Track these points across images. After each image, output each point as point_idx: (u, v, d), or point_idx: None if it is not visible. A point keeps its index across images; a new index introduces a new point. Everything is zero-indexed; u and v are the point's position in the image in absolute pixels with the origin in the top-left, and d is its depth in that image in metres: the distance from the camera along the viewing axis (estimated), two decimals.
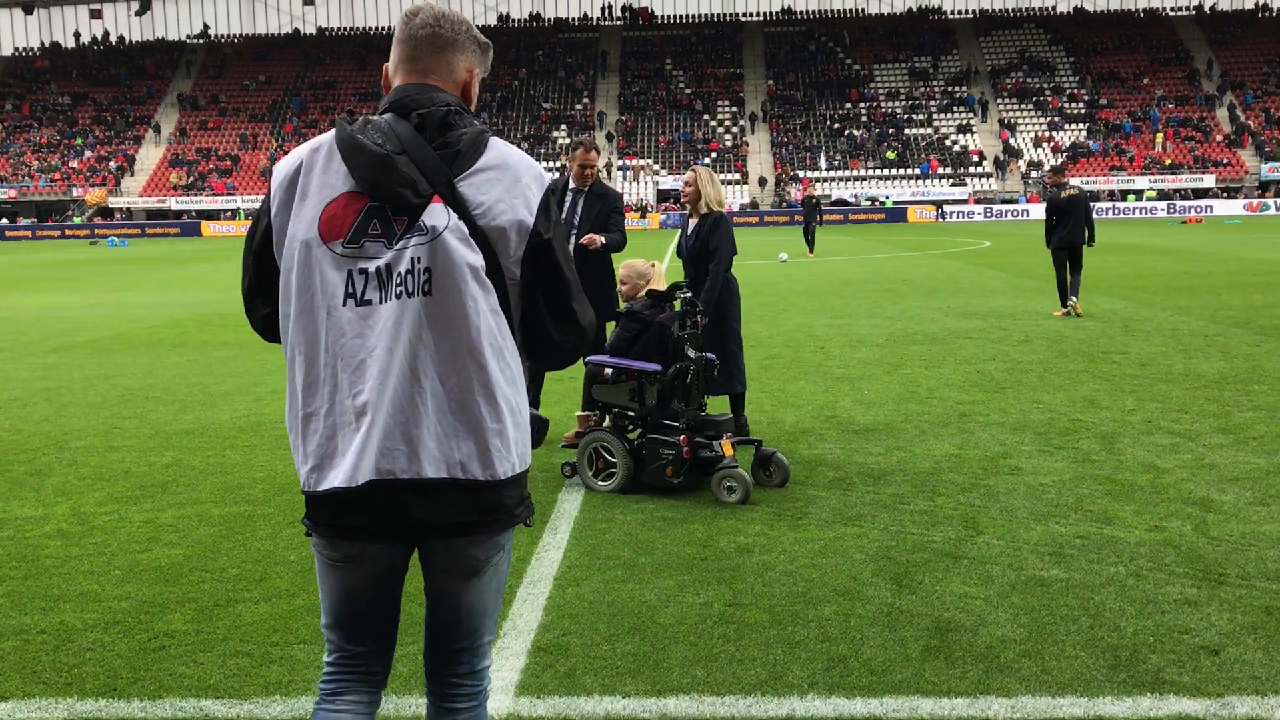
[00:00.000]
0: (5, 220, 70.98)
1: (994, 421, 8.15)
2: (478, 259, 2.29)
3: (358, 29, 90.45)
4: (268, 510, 6.16)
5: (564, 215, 7.49)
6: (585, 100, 79.45)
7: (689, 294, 6.76)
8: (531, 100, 79.68)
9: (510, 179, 2.35)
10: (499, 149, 2.38)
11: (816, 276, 23.21)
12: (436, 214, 2.28)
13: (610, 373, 6.56)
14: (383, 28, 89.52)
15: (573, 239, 7.42)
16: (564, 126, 76.67)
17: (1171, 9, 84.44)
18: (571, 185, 7.63)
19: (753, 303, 17.62)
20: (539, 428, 2.77)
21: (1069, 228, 14.67)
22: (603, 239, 7.31)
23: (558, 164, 72.76)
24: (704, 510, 6.01)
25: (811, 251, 30.92)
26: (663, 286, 6.80)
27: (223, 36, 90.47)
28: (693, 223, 7.47)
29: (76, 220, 69.78)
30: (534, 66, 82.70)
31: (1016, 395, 9.17)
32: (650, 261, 6.90)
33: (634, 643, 4.25)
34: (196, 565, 5.23)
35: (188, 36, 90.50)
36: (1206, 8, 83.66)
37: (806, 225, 31.43)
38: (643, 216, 63.06)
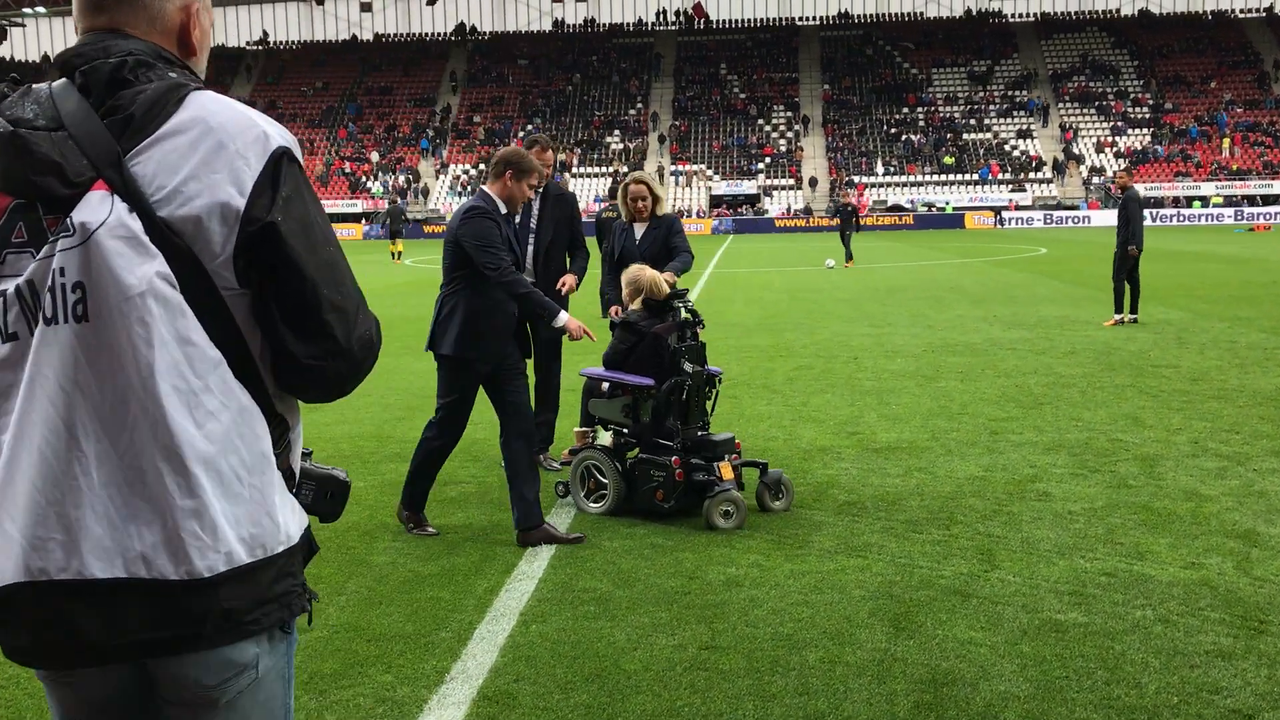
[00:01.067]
0: None
1: (1026, 441, 7.62)
2: (155, 265, 1.63)
3: (414, 35, 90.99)
4: None
5: (518, 221, 6.90)
6: (639, 105, 79.19)
7: (689, 303, 6.32)
8: (585, 106, 79.57)
9: (211, 146, 1.68)
10: (199, 105, 1.72)
11: (860, 283, 22.62)
12: (91, 207, 1.64)
13: (606, 386, 6.17)
14: (439, 33, 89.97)
15: (530, 245, 7.03)
16: (617, 132, 76.44)
17: (1240, 10, 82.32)
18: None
19: (790, 310, 17.13)
20: (329, 493, 1.94)
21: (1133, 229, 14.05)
22: (574, 280, 6.96)
23: (609, 169, 72.58)
24: (698, 537, 5.57)
25: (850, 260, 28.98)
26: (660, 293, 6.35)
27: (281, 43, 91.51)
28: (640, 228, 7.11)
29: None
30: (588, 72, 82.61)
31: (1054, 411, 8.62)
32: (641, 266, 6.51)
33: (591, 692, 3.83)
34: None
35: (247, 43, 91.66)
36: (1277, 9, 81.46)
37: (842, 233, 30.01)
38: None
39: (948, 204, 66.83)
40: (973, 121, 74.13)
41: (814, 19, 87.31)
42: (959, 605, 4.57)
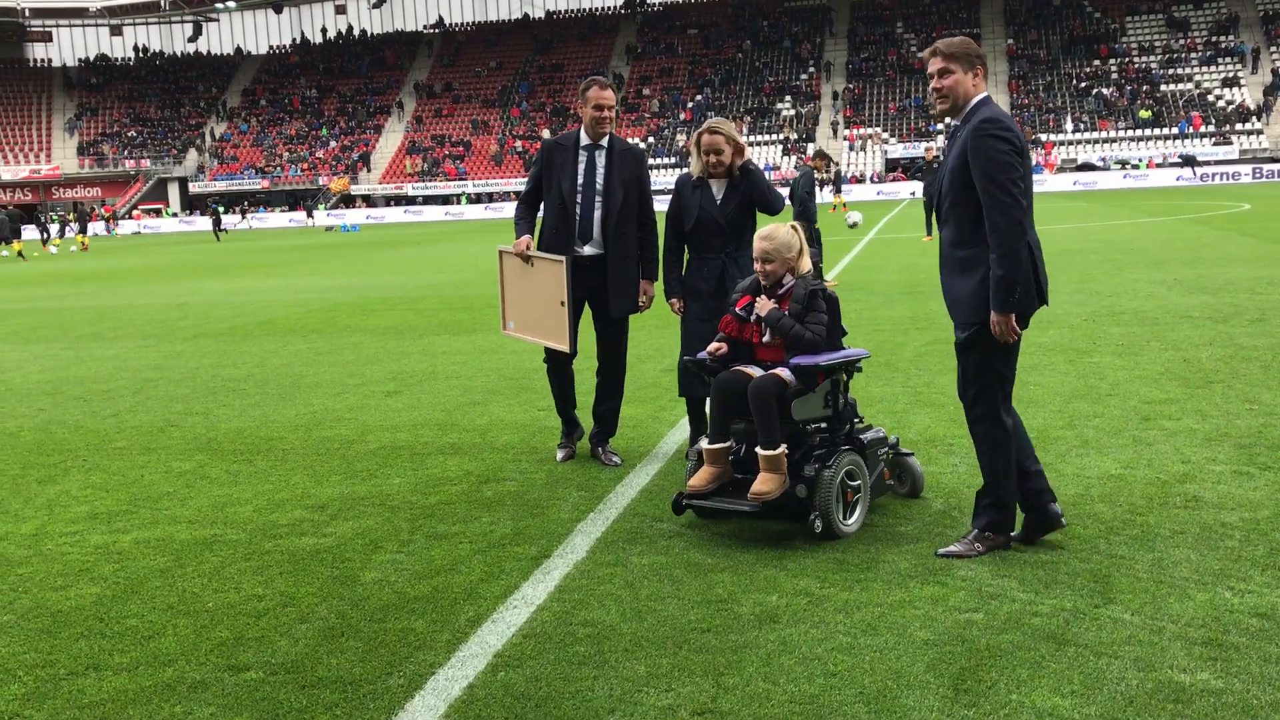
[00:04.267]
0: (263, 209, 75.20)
1: (1183, 429, 6.34)
2: None
3: (584, 10, 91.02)
4: (235, 535, 5.20)
5: (580, 180, 6.06)
6: (811, 69, 77.06)
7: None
8: (755, 73, 77.94)
9: None
10: None
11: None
12: None
13: (794, 380, 4.85)
14: (609, 7, 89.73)
15: (596, 206, 6.07)
16: (788, 98, 74.60)
17: None
18: (584, 140, 6.12)
19: (931, 277, 15.76)
20: None
21: None
22: (652, 291, 6.27)
23: (780, 136, 70.86)
24: (746, 553, 4.63)
25: (929, 234, 23.65)
26: (807, 264, 5.16)
27: (456, 25, 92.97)
28: (719, 186, 5.89)
29: (322, 208, 72.99)
30: (759, 38, 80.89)
31: (1225, 392, 7.25)
32: (788, 225, 5.22)
33: None
34: (100, 611, 4.30)
35: (424, 27, 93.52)
36: None
37: (931, 199, 22.52)
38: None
39: (1140, 161, 62.53)
40: (1172, 71, 69.16)
41: None
42: (1048, 657, 3.51)
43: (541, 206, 6.26)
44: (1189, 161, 59.46)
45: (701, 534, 4.90)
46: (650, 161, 69.68)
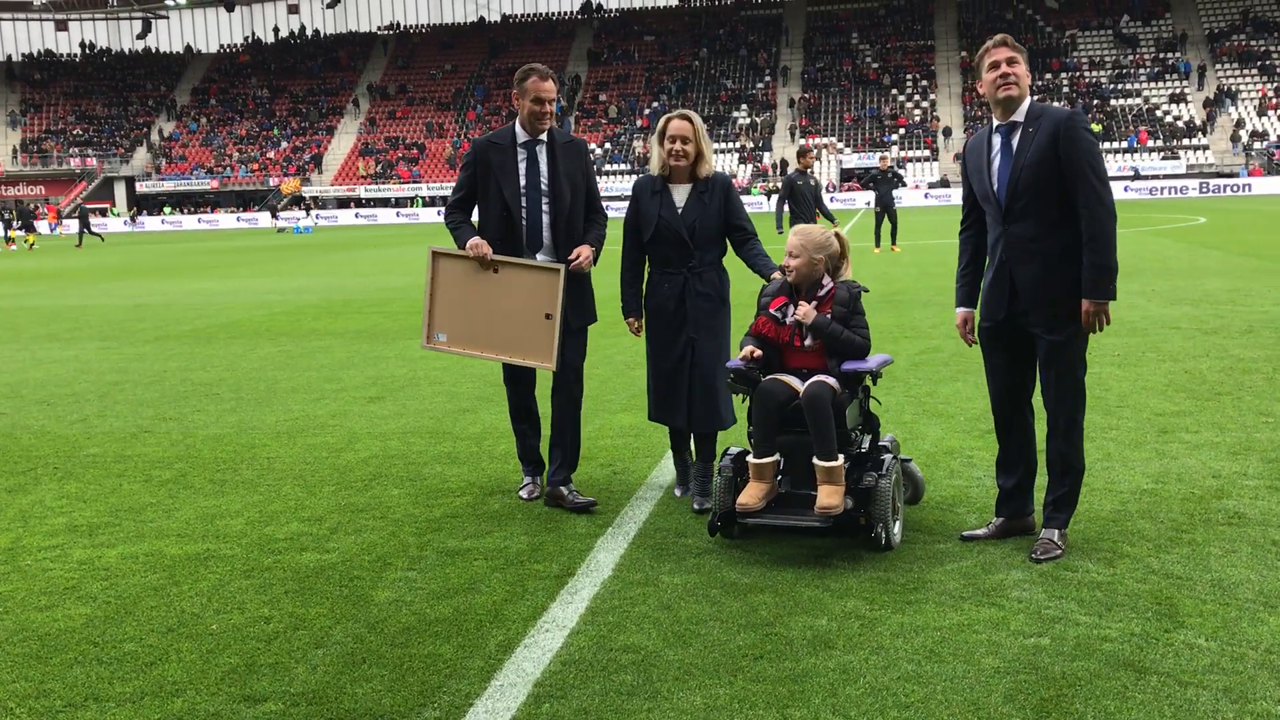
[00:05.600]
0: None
1: (1205, 442, 6.20)
2: None
3: (540, 15, 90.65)
4: (229, 550, 4.87)
5: (524, 181, 5.28)
6: (767, 78, 77.27)
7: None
8: (712, 80, 78.00)
9: None
10: None
11: None
12: None
13: (842, 388, 4.64)
14: (565, 12, 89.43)
15: (544, 210, 5.29)
16: (744, 106, 74.73)
17: None
18: (521, 136, 5.31)
19: (917, 286, 15.68)
20: None
21: None
22: (590, 253, 5.29)
23: (737, 145, 70.96)
24: (782, 572, 4.39)
25: (895, 244, 23.42)
26: (849, 270, 5.01)
27: (411, 26, 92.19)
28: (681, 191, 5.26)
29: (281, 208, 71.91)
30: (715, 46, 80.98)
31: (1236, 404, 7.13)
32: (831, 230, 4.99)
33: None
34: (92, 634, 3.96)
35: (378, 28, 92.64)
36: None
37: (884, 210, 22.64)
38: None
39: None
40: (1121, 86, 70.16)
41: None
42: (1132, 686, 3.30)
43: (475, 213, 5.45)
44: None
45: (732, 551, 4.65)
46: (606, 168, 69.45)
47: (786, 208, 16.43)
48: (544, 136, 5.32)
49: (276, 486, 5.94)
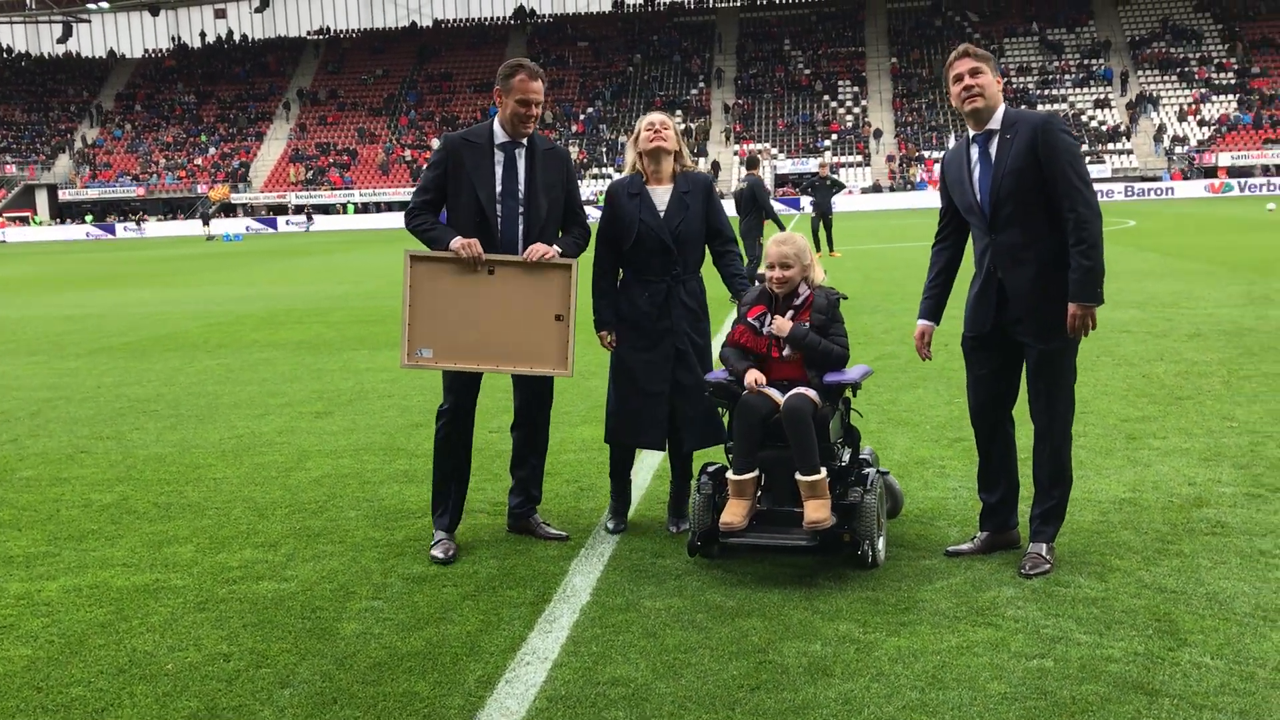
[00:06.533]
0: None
1: (1175, 448, 6.16)
2: None
3: (473, 20, 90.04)
4: (180, 581, 4.59)
5: (500, 186, 4.80)
6: (701, 84, 77.46)
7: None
8: (646, 86, 78.02)
9: None
10: None
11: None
12: None
13: (823, 401, 4.47)
14: (498, 17, 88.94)
15: (519, 219, 4.82)
16: (679, 112, 74.80)
17: None
18: (500, 137, 4.83)
19: (865, 291, 15.67)
20: None
21: None
22: (552, 253, 4.75)
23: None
24: (769, 593, 4.22)
25: (833, 250, 23.28)
26: (820, 272, 4.79)
27: (342, 32, 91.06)
28: (661, 192, 4.94)
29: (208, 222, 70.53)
30: (649, 52, 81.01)
31: (1198, 409, 7.12)
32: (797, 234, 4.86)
33: None
34: (35, 678, 3.67)
35: (307, 33, 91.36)
36: None
37: (821, 216, 22.85)
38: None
39: None
40: (1047, 92, 71.37)
41: None
42: (1145, 710, 3.18)
43: (443, 215, 4.95)
44: None
45: (713, 572, 4.48)
46: None
47: (737, 214, 16.34)
48: (524, 140, 4.87)
49: (226, 510, 5.65)
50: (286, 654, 3.80)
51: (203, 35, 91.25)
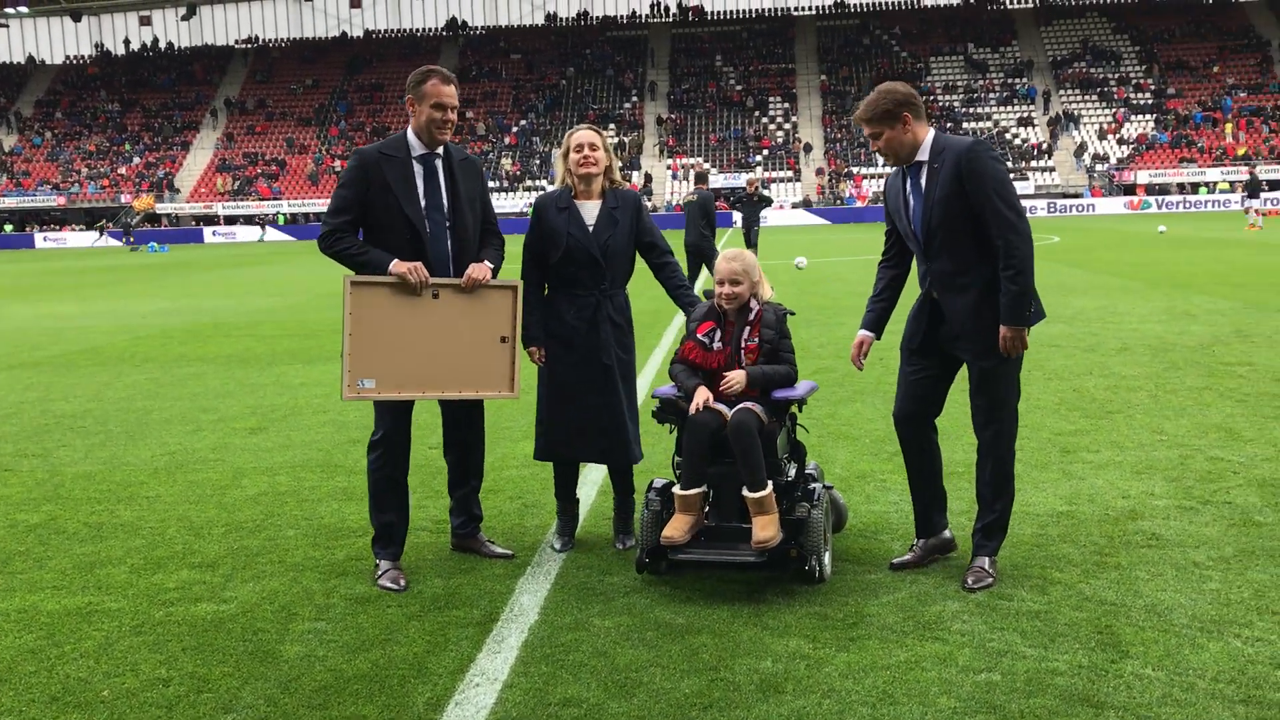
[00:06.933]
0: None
1: (1108, 461, 6.28)
2: None
3: (404, 31, 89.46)
4: (114, 604, 4.47)
5: (424, 201, 4.65)
6: (634, 98, 77.72)
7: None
8: (579, 99, 78.09)
9: None
10: None
11: (868, 277, 21.21)
12: None
13: (770, 416, 4.50)
14: (430, 29, 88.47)
15: (447, 235, 4.70)
16: (612, 126, 74.97)
17: None
18: (416, 148, 4.68)
19: (800, 305, 15.79)
20: None
21: None
22: (486, 273, 4.67)
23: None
24: (718, 610, 4.22)
25: None
26: (768, 287, 4.81)
27: (270, 41, 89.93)
28: (590, 207, 4.92)
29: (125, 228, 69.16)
30: (582, 66, 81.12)
31: (1128, 422, 7.28)
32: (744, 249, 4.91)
33: None
34: None
35: (235, 41, 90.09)
36: None
37: (747, 231, 22.77)
38: None
39: None
40: (973, 110, 72.72)
41: (809, 9, 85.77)
42: None
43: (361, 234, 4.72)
44: None
45: (660, 588, 4.47)
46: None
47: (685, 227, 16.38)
48: (440, 150, 4.72)
49: (160, 529, 5.52)
50: (228, 678, 3.72)
51: (127, 42, 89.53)
